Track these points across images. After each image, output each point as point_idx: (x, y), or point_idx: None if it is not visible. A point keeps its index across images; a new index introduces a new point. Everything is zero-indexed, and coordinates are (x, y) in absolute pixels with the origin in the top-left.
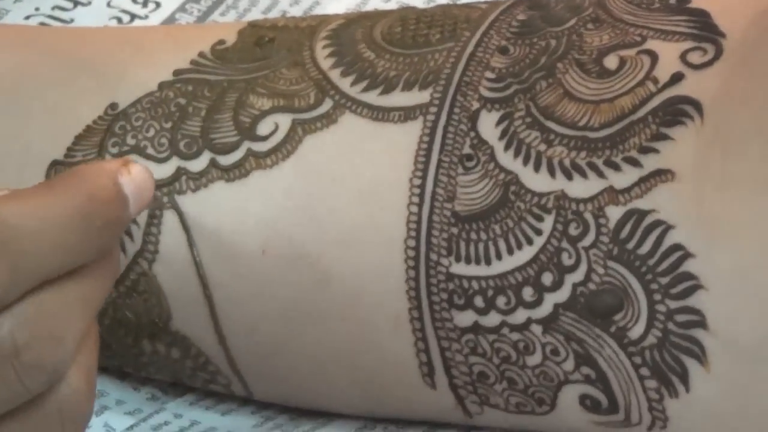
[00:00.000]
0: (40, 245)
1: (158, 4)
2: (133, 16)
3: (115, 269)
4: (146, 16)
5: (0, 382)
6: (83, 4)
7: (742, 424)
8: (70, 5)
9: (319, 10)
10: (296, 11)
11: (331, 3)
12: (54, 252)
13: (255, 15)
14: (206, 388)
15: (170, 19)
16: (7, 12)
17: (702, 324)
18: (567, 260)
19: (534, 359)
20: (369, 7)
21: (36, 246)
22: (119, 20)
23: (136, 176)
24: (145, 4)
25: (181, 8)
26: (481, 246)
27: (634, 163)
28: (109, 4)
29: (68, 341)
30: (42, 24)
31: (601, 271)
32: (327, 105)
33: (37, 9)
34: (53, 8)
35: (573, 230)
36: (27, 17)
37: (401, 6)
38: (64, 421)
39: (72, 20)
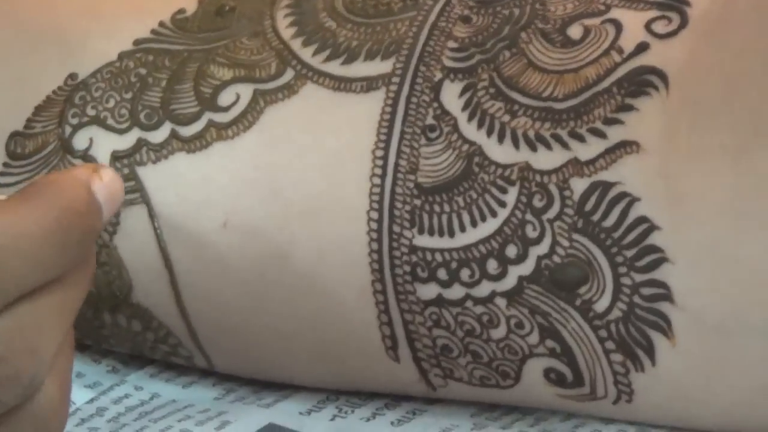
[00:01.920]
0: (18, 260)
1: None
2: None
3: (91, 276)
4: None
5: None
6: None
7: (708, 397)
8: None
9: None
10: None
11: None
12: (32, 267)
13: None
14: (167, 360)
15: None
16: None
17: (668, 297)
18: (531, 232)
19: (498, 332)
20: None
21: (14, 261)
22: None
23: (108, 182)
24: None
25: None
26: (444, 218)
27: (599, 134)
28: None
29: (45, 353)
30: None
31: (565, 243)
32: (288, 75)
33: None
34: None
35: (537, 202)
36: None
37: None
38: (38, 430)
39: None
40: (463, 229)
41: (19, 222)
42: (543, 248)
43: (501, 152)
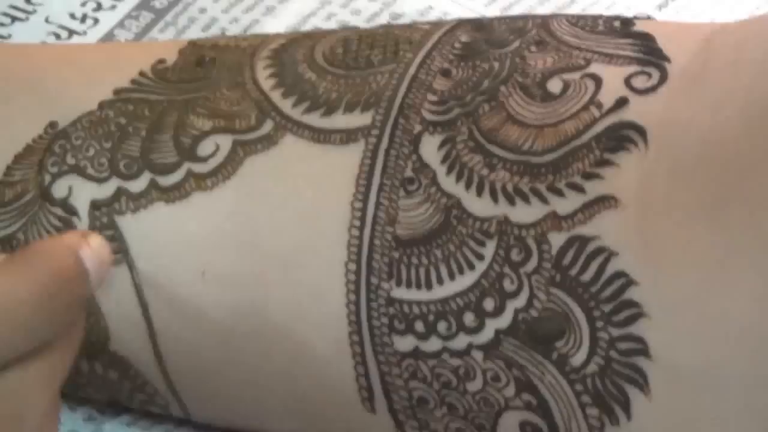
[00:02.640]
0: (7, 327)
1: (96, 20)
2: (72, 32)
3: (78, 340)
4: (84, 32)
5: None
6: (21, 20)
7: None
8: (7, 20)
9: (258, 29)
10: (235, 29)
11: (271, 21)
12: (21, 333)
13: (194, 32)
14: (144, 408)
15: (109, 35)
16: None
17: (644, 352)
18: (509, 286)
19: (474, 385)
20: (309, 25)
21: (2, 327)
22: (57, 36)
23: (95, 249)
24: (83, 20)
25: (120, 24)
26: (422, 270)
27: (578, 189)
28: (47, 20)
29: (31, 420)
30: None
31: (543, 297)
32: (268, 126)
33: None
34: None
35: (515, 256)
36: None
37: (342, 25)
38: None
39: (9, 36)
40: (440, 281)
41: (8, 288)
42: (520, 302)
43: (479, 205)
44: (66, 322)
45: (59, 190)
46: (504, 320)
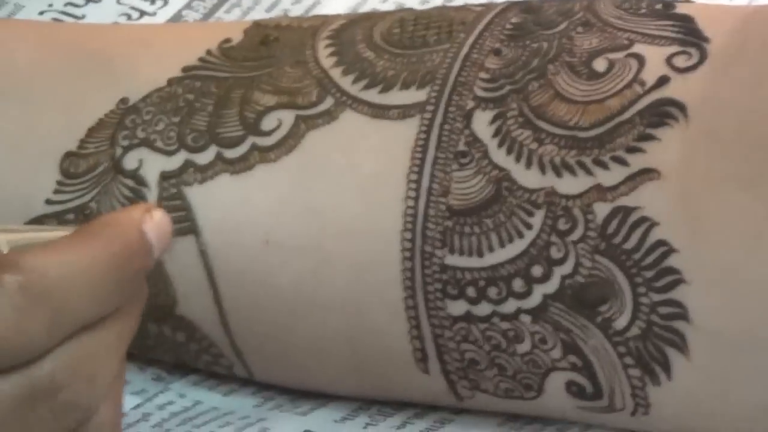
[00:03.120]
0: (79, 296)
1: (166, 2)
2: (142, 13)
3: (142, 307)
4: (154, 13)
5: (37, 420)
6: (95, 1)
7: (720, 411)
8: (82, 1)
9: (319, 9)
10: (297, 10)
11: (331, 3)
12: (91, 301)
13: (258, 13)
14: (209, 369)
15: (177, 16)
16: (21, 7)
17: (684, 316)
18: (556, 253)
19: (523, 347)
20: (367, 7)
21: (75, 296)
22: (128, 16)
23: (158, 222)
24: (153, 1)
25: (188, 5)
26: (474, 239)
27: (622, 162)
28: (118, 1)
29: (101, 381)
30: (55, 19)
31: (588, 264)
32: (328, 102)
33: (50, 5)
34: (66, 4)
35: (562, 225)
36: (41, 12)
37: (398, 6)
38: None
39: (84, 16)
40: (491, 249)
41: (80, 260)
42: (567, 268)
43: (528, 178)
44: (131, 291)
45: (130, 162)
46: (551, 286)
